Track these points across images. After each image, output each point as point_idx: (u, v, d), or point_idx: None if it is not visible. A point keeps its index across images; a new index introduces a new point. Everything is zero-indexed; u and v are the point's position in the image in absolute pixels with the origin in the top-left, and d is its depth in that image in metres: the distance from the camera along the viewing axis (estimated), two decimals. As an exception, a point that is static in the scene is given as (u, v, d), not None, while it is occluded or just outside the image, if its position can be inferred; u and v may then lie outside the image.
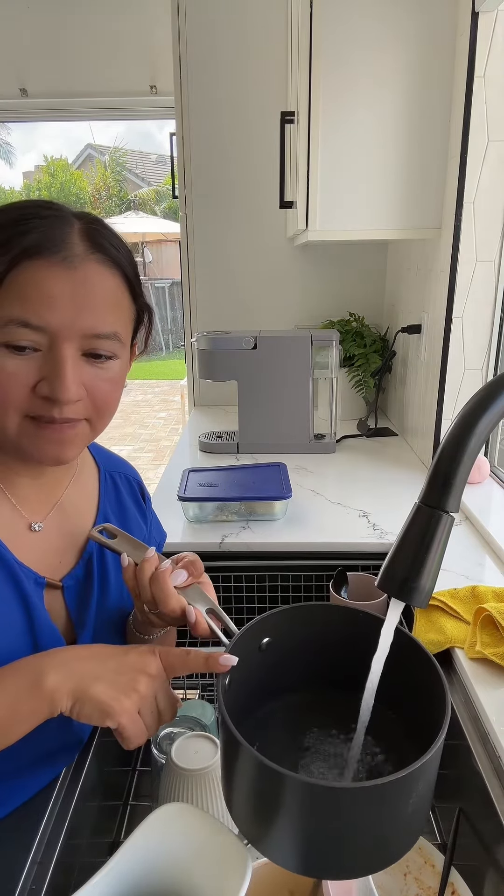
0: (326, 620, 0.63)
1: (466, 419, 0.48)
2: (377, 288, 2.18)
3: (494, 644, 0.84)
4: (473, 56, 1.25)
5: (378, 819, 0.47)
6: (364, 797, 0.45)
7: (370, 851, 0.49)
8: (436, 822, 0.87)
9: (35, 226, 0.58)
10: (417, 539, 0.50)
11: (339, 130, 1.39)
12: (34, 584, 0.66)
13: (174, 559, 0.70)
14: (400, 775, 0.44)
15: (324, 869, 0.50)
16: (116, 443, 6.00)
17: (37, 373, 0.59)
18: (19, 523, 0.68)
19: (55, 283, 0.57)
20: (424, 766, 0.46)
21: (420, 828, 0.52)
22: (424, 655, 0.56)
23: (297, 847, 0.49)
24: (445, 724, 0.49)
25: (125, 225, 11.04)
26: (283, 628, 0.62)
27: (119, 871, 0.54)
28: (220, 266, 2.16)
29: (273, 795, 0.47)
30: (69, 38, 2.95)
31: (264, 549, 1.19)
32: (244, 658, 0.58)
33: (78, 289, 0.58)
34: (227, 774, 0.53)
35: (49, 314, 0.57)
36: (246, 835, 0.52)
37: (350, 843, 0.48)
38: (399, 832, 0.49)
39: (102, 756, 0.78)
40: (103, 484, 0.81)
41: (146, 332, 0.70)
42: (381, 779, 0.44)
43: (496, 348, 1.43)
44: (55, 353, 0.58)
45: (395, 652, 0.53)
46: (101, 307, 0.60)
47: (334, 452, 1.72)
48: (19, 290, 0.56)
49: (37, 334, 0.57)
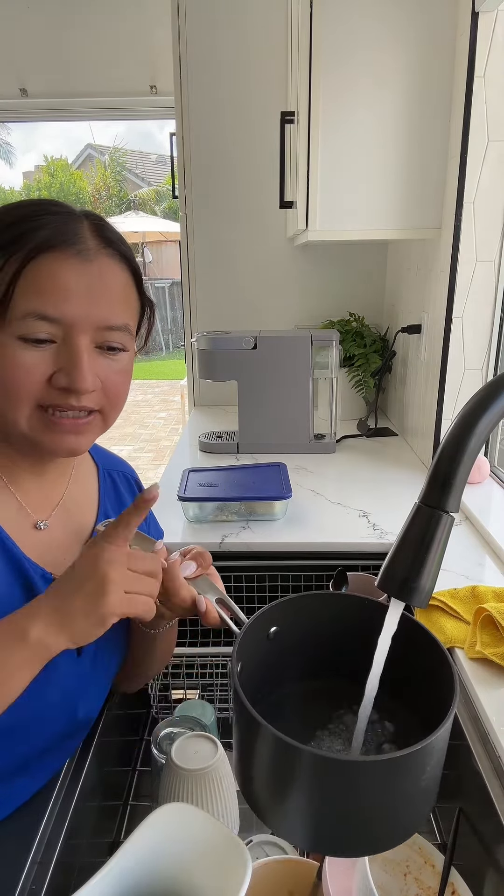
0: (333, 609, 0.64)
1: (466, 419, 0.48)
2: (377, 288, 2.18)
3: (494, 644, 0.84)
4: (473, 56, 1.25)
5: (389, 795, 0.48)
6: (377, 771, 0.46)
7: (378, 828, 0.50)
8: (436, 822, 0.87)
9: (48, 221, 0.59)
10: (417, 539, 0.50)
11: (339, 130, 1.39)
12: (41, 580, 0.67)
13: (182, 551, 0.70)
14: (412, 750, 0.45)
15: (333, 845, 0.51)
16: (116, 443, 6.00)
17: (52, 364, 0.60)
18: (25, 521, 0.69)
19: (71, 276, 0.58)
20: (435, 742, 0.46)
21: (427, 808, 0.52)
22: (427, 636, 0.57)
23: (308, 822, 0.50)
24: (455, 701, 0.50)
25: (125, 225, 11.02)
26: (291, 617, 0.63)
27: (119, 871, 0.54)
28: (220, 266, 2.16)
29: (288, 770, 0.48)
30: (69, 38, 2.95)
31: (264, 549, 1.19)
32: (253, 646, 0.59)
33: (93, 281, 0.60)
34: (243, 753, 0.54)
35: (65, 306, 0.58)
36: (258, 811, 0.53)
37: (360, 818, 0.49)
38: (408, 810, 0.50)
39: (102, 756, 0.79)
40: (103, 482, 0.82)
41: (148, 326, 0.71)
42: (394, 752, 0.45)
43: (496, 348, 1.43)
44: (71, 345, 0.59)
45: (401, 637, 0.53)
46: (114, 300, 0.62)
47: (334, 452, 1.72)
48: (36, 283, 0.57)
49: (53, 326, 0.58)
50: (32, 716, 0.63)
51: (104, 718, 0.80)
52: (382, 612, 0.54)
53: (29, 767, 0.67)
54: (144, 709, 1.09)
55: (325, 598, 0.65)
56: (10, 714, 0.55)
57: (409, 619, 0.57)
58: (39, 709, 0.64)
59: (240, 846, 0.55)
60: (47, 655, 0.56)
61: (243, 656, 0.57)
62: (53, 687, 0.66)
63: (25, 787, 0.68)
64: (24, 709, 0.57)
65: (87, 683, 0.72)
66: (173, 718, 0.86)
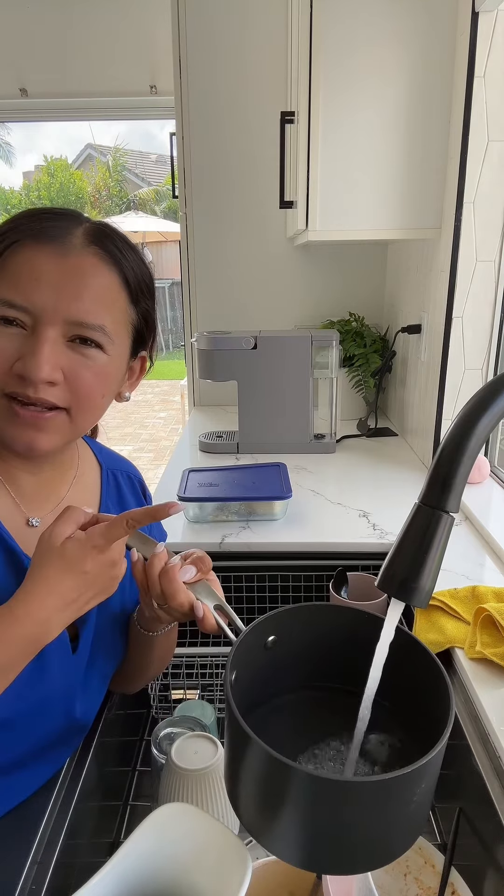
0: (331, 620, 0.63)
1: (466, 419, 0.48)
2: (377, 288, 2.18)
3: (494, 644, 0.84)
4: (473, 56, 1.25)
5: (381, 815, 0.47)
6: (368, 792, 0.45)
7: (371, 847, 0.49)
8: (436, 822, 0.87)
9: (44, 219, 0.61)
10: (417, 539, 0.50)
11: (339, 130, 1.39)
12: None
13: (183, 555, 0.70)
14: (405, 772, 0.44)
15: (324, 863, 0.51)
16: (116, 443, 6.00)
17: (17, 352, 0.60)
18: (18, 518, 0.69)
19: (43, 266, 0.59)
20: (428, 763, 0.46)
21: (421, 826, 0.52)
22: (426, 654, 0.56)
23: (300, 840, 0.49)
24: (450, 723, 0.49)
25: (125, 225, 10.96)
26: (289, 627, 0.62)
27: (119, 871, 0.54)
28: (220, 266, 2.16)
29: (279, 787, 0.48)
30: (69, 38, 2.95)
31: (264, 549, 1.19)
32: (249, 655, 0.58)
33: (66, 274, 0.60)
34: (233, 767, 0.53)
35: (34, 295, 0.59)
36: (248, 827, 0.52)
37: (351, 838, 0.48)
38: (401, 829, 0.50)
39: (102, 756, 0.79)
40: (105, 482, 0.82)
41: (151, 335, 0.71)
42: (386, 774, 0.45)
43: (496, 348, 1.43)
44: (35, 333, 0.60)
45: (397, 651, 0.53)
46: (90, 298, 0.61)
47: (334, 452, 1.72)
48: (12, 271, 0.59)
49: (22, 314, 0.59)
50: (25, 713, 0.63)
51: (104, 718, 0.81)
52: (380, 626, 0.53)
53: (26, 766, 0.67)
54: (144, 709, 1.09)
55: (324, 610, 0.64)
56: (4, 710, 0.55)
57: (406, 635, 0.56)
58: (33, 706, 0.64)
59: (240, 846, 0.55)
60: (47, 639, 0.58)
61: (239, 665, 0.56)
62: (46, 685, 0.66)
63: (23, 786, 0.68)
64: (16, 705, 0.58)
65: (83, 683, 0.72)
66: (173, 718, 0.86)
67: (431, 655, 0.56)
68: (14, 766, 0.66)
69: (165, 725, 0.84)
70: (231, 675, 0.54)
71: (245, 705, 0.51)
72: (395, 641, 0.53)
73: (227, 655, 0.56)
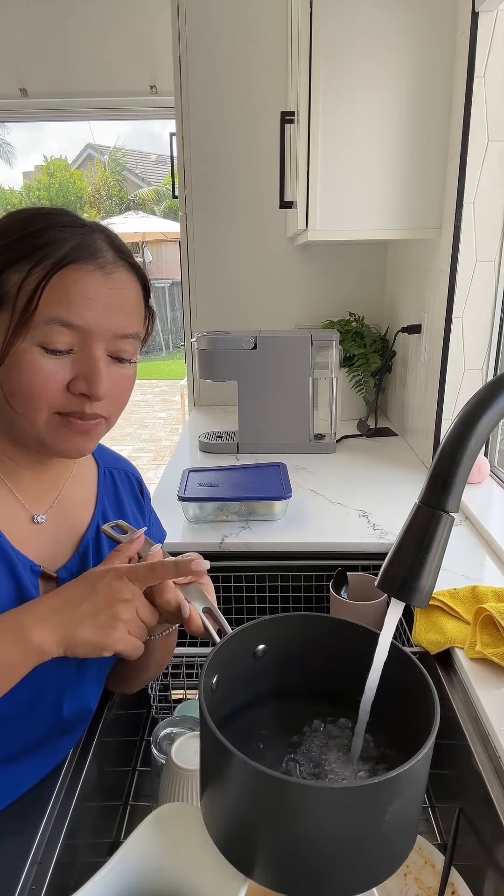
0: (322, 631, 0.63)
1: (466, 419, 0.48)
2: (377, 288, 2.18)
3: (494, 644, 0.84)
4: (473, 56, 1.25)
5: (347, 830, 0.45)
6: (329, 799, 0.44)
7: (342, 867, 0.47)
8: (436, 822, 0.87)
9: (68, 234, 0.63)
10: (417, 539, 0.50)
11: (339, 130, 1.39)
12: (29, 572, 0.67)
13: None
14: (371, 782, 0.43)
15: (293, 886, 0.48)
16: (117, 443, 6.00)
17: (70, 372, 0.63)
18: (22, 514, 0.70)
19: (93, 286, 0.62)
20: (399, 777, 0.44)
21: (401, 854, 0.50)
22: (416, 668, 0.56)
23: (266, 858, 0.47)
24: (433, 733, 0.48)
25: (125, 225, 11.03)
26: (278, 635, 0.63)
27: (119, 871, 0.54)
28: (220, 266, 2.16)
29: (222, 776, 0.47)
30: (69, 37, 2.95)
31: (264, 550, 1.19)
32: (236, 662, 0.58)
33: (112, 292, 0.63)
34: (204, 778, 0.53)
35: (88, 314, 0.62)
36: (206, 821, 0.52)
37: (321, 853, 0.46)
38: (373, 850, 0.48)
39: (102, 756, 0.79)
40: (102, 480, 0.82)
41: (148, 332, 0.73)
42: (350, 782, 0.44)
43: (496, 348, 1.43)
44: (89, 353, 0.63)
45: (387, 664, 0.53)
46: (128, 309, 0.66)
47: (334, 452, 1.72)
48: (63, 291, 0.61)
49: (73, 334, 0.62)
50: (7, 712, 0.64)
51: (104, 718, 0.80)
52: (372, 638, 0.54)
53: (18, 763, 0.67)
54: (144, 709, 1.09)
55: (313, 620, 0.64)
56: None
57: (395, 647, 0.56)
58: (20, 703, 0.64)
59: (240, 846, 0.55)
60: (39, 661, 0.58)
61: (224, 673, 0.55)
62: (34, 681, 0.66)
63: (20, 785, 0.68)
64: (2, 702, 0.58)
65: (72, 684, 0.72)
66: (173, 718, 0.86)
67: (421, 671, 0.55)
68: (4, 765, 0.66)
69: (165, 725, 0.85)
70: (212, 679, 0.55)
71: (231, 713, 0.50)
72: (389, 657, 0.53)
73: (206, 657, 0.56)
